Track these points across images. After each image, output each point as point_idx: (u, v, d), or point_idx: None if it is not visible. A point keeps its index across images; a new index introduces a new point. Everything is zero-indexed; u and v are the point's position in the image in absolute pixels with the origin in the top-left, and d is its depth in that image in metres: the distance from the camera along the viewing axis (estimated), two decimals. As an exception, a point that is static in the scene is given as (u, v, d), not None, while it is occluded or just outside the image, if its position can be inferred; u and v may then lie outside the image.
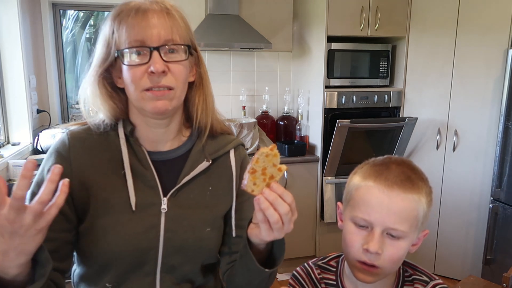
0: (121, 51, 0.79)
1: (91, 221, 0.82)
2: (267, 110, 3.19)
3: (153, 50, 0.77)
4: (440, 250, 2.93)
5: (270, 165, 0.72)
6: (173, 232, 0.84)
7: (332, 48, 2.81)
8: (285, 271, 2.98)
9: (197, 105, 0.88)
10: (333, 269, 0.89)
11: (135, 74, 0.78)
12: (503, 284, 1.67)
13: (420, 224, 0.78)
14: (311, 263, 0.92)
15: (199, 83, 0.88)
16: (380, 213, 0.75)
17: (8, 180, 2.13)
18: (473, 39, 2.63)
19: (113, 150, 0.85)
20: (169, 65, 0.79)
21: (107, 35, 0.81)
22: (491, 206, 2.54)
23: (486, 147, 2.66)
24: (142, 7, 0.79)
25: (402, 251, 0.77)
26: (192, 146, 0.90)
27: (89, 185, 0.82)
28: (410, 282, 0.84)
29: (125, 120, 0.87)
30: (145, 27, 0.78)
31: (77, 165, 0.82)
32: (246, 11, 3.02)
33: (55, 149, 0.84)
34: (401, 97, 3.00)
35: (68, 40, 3.61)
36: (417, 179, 0.78)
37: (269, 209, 0.68)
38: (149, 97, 0.79)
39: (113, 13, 0.81)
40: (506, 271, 1.71)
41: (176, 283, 0.87)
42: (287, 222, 0.71)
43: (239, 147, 0.96)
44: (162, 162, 0.88)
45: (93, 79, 0.83)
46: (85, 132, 0.86)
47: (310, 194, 2.92)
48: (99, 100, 0.84)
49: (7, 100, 2.60)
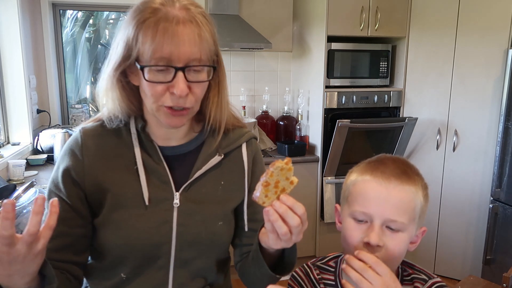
0: (143, 67, 0.75)
1: (106, 216, 0.83)
2: (267, 110, 3.19)
3: (178, 70, 0.74)
4: (440, 250, 2.93)
5: (283, 179, 0.71)
6: (186, 226, 0.85)
7: (332, 48, 2.81)
8: (285, 271, 2.98)
9: (211, 105, 0.87)
10: (332, 270, 0.89)
11: (156, 90, 0.76)
12: (503, 284, 1.67)
13: (417, 217, 0.78)
14: (310, 264, 0.92)
15: (215, 85, 0.87)
16: (379, 205, 0.75)
17: (8, 180, 2.13)
18: (473, 39, 2.62)
19: (125, 146, 0.86)
20: (191, 85, 0.77)
21: (129, 38, 0.75)
22: (491, 206, 2.54)
23: (486, 147, 2.65)
24: (170, 17, 0.73)
25: (402, 244, 0.77)
26: (204, 141, 0.90)
27: (102, 180, 0.83)
28: (409, 281, 0.84)
29: (137, 117, 0.87)
30: (173, 44, 0.73)
31: (90, 162, 0.84)
32: (246, 11, 3.02)
33: (69, 148, 0.86)
34: (401, 97, 3.00)
35: (68, 40, 3.61)
36: (412, 173, 0.79)
37: (278, 221, 0.68)
38: (166, 113, 0.79)
39: (138, 16, 0.75)
40: (506, 271, 1.71)
41: (189, 278, 0.88)
42: (296, 234, 0.71)
43: (251, 141, 0.96)
44: (174, 157, 0.88)
45: (110, 80, 0.81)
46: (98, 128, 0.87)
47: (310, 194, 2.92)
48: (116, 101, 0.83)
49: (7, 100, 2.60)
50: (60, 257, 0.81)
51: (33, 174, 2.28)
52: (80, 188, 0.83)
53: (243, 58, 3.21)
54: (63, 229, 0.81)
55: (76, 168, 0.83)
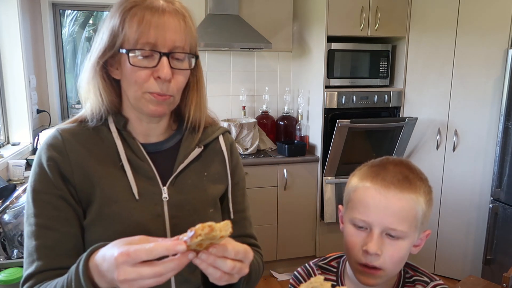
0: (128, 51, 0.77)
1: (97, 212, 0.81)
2: (267, 110, 3.19)
3: (162, 56, 0.77)
4: (440, 250, 2.93)
5: (208, 241, 0.61)
6: (178, 218, 0.85)
7: (332, 48, 2.81)
8: (285, 271, 2.98)
9: (191, 106, 0.90)
10: (334, 270, 0.89)
11: (140, 75, 0.78)
12: (503, 284, 1.67)
13: (420, 224, 0.77)
14: (312, 264, 0.92)
15: (194, 86, 0.89)
16: (378, 213, 0.75)
17: (8, 180, 2.13)
18: (473, 39, 2.63)
19: (107, 144, 0.85)
20: (174, 72, 0.79)
21: (115, 26, 0.78)
22: (491, 206, 2.54)
23: (486, 147, 2.66)
24: (158, 6, 0.77)
25: (402, 251, 0.76)
26: (182, 137, 0.92)
27: (90, 174, 0.81)
28: (411, 284, 0.84)
29: (116, 114, 0.86)
30: (160, 29, 0.76)
31: (75, 157, 0.81)
32: (246, 11, 3.02)
33: (48, 144, 0.81)
34: (401, 97, 3.00)
35: (68, 40, 3.61)
36: (415, 179, 0.77)
37: (209, 268, 0.63)
38: (150, 99, 0.80)
39: (125, 4, 0.78)
40: (506, 271, 1.71)
41: (190, 271, 0.86)
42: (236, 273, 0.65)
43: (226, 134, 1.00)
44: (156, 154, 0.89)
45: (93, 70, 0.81)
46: (76, 128, 0.86)
47: (310, 194, 2.92)
48: (99, 92, 0.83)
49: (7, 100, 2.60)
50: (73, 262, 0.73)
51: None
52: (70, 184, 0.80)
53: (243, 58, 3.21)
54: (69, 230, 0.78)
55: (62, 164, 0.80)
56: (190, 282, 0.87)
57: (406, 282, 0.84)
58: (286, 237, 2.94)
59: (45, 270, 0.76)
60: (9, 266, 1.33)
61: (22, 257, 1.40)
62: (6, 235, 1.46)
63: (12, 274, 1.24)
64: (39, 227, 0.77)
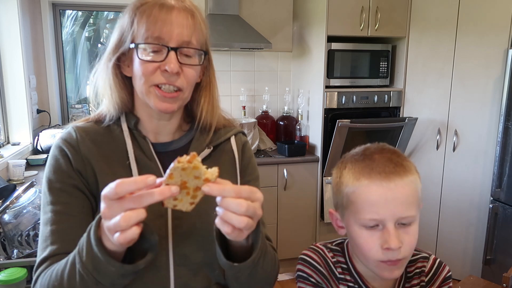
0: (137, 44, 0.79)
1: (99, 210, 0.81)
2: (267, 110, 3.19)
3: (170, 50, 0.78)
4: (440, 250, 2.93)
5: (190, 178, 0.60)
6: (180, 219, 0.85)
7: (332, 48, 2.81)
8: (285, 271, 2.98)
9: (202, 106, 0.90)
10: (340, 253, 0.87)
11: (147, 68, 0.79)
12: (503, 284, 1.67)
13: (420, 201, 0.78)
14: (320, 245, 0.88)
15: (206, 85, 0.90)
16: (387, 207, 0.74)
17: (8, 180, 2.13)
18: (473, 39, 2.62)
19: (117, 142, 0.86)
20: (182, 67, 0.80)
21: (124, 24, 0.81)
22: (491, 206, 2.54)
23: (486, 147, 2.65)
24: (167, 3, 0.79)
25: (416, 234, 0.77)
26: (192, 138, 0.92)
27: (97, 172, 0.83)
28: (412, 262, 0.86)
29: (128, 114, 0.88)
30: (167, 24, 0.78)
31: (86, 153, 0.83)
32: (246, 11, 3.02)
33: (63, 139, 0.85)
34: (401, 97, 3.00)
35: (68, 40, 3.61)
36: (403, 160, 0.78)
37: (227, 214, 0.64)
38: (157, 94, 0.81)
39: (135, 3, 0.81)
40: (506, 271, 1.71)
41: (191, 275, 0.86)
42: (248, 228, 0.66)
43: (239, 135, 0.98)
44: (165, 153, 0.89)
45: (106, 67, 0.84)
46: (90, 126, 0.88)
47: (310, 194, 2.92)
48: (110, 89, 0.85)
49: (7, 100, 2.60)
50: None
51: (33, 174, 2.28)
52: (82, 176, 0.82)
53: (243, 58, 3.21)
54: (84, 216, 0.79)
55: (75, 157, 0.82)
56: (190, 287, 0.87)
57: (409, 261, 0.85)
58: (286, 237, 2.94)
59: (59, 254, 0.77)
60: (9, 266, 1.32)
61: (22, 257, 1.41)
62: (6, 235, 1.46)
63: (12, 274, 1.24)
64: (55, 213, 0.79)
